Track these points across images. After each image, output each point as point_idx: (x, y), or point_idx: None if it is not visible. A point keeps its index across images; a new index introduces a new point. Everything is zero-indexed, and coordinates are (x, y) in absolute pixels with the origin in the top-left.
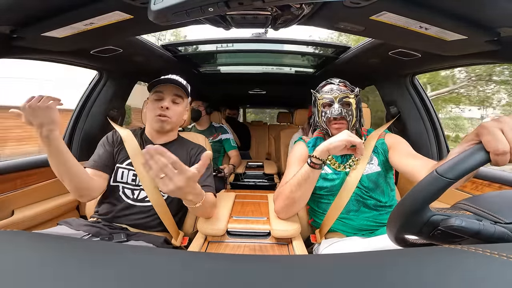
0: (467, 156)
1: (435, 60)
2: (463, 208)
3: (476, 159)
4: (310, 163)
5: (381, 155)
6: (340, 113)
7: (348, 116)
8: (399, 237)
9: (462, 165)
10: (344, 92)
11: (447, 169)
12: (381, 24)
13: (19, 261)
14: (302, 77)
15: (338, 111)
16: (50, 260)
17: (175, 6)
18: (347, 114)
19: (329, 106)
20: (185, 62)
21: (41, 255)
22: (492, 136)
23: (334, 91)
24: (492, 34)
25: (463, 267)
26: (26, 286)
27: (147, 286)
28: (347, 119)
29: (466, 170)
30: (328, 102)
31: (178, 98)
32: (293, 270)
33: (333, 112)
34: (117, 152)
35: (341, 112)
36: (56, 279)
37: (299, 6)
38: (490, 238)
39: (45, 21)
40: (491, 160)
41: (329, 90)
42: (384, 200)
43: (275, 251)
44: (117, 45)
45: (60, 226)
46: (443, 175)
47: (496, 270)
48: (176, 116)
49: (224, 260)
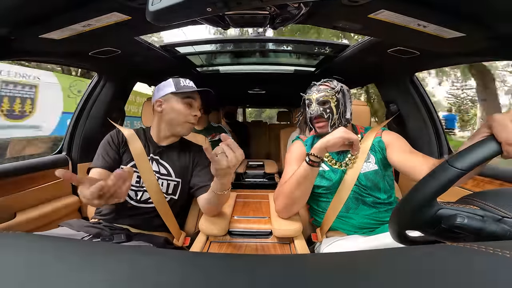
0: (479, 147)
1: (434, 58)
2: (469, 203)
3: (487, 150)
4: (309, 161)
5: (379, 153)
6: (316, 112)
7: (325, 114)
8: (402, 233)
9: (474, 156)
10: (322, 91)
11: (458, 159)
12: (380, 22)
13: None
14: (302, 76)
15: (314, 110)
16: (51, 261)
17: (173, 7)
18: (324, 112)
19: (309, 106)
20: (184, 63)
21: (42, 257)
22: (503, 127)
23: (313, 91)
24: (491, 32)
25: (466, 265)
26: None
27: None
28: (325, 117)
29: (478, 160)
30: (308, 102)
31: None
32: (295, 270)
33: (311, 111)
34: (122, 153)
35: (317, 111)
36: (57, 280)
37: (297, 5)
38: (493, 235)
39: (43, 23)
40: (503, 151)
41: (311, 91)
42: (383, 198)
43: (277, 251)
44: (116, 46)
45: (62, 227)
46: (454, 166)
47: (500, 267)
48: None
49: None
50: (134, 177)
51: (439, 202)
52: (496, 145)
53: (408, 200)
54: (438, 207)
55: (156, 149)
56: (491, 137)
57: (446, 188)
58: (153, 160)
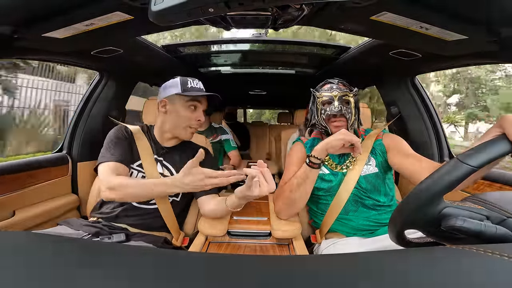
0: (490, 145)
1: (435, 60)
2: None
3: (499, 149)
4: (309, 163)
5: (379, 156)
6: (340, 111)
7: (347, 114)
8: (401, 234)
9: (485, 153)
10: (344, 91)
11: (470, 155)
12: (382, 24)
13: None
14: (303, 78)
15: (338, 108)
16: (50, 260)
17: (175, 7)
18: (346, 111)
19: (328, 104)
20: (185, 63)
21: (40, 255)
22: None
23: (334, 89)
24: (493, 34)
25: (464, 268)
26: (26, 286)
27: (147, 287)
28: (346, 117)
29: (489, 158)
30: (328, 99)
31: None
32: (294, 271)
33: (333, 109)
34: (131, 150)
35: (341, 110)
36: (55, 279)
37: (299, 6)
38: (492, 238)
39: (46, 21)
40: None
41: (329, 89)
42: (383, 200)
43: (275, 252)
44: (118, 45)
45: (61, 226)
46: (465, 162)
47: (498, 270)
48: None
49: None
50: (139, 177)
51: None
52: (507, 145)
53: (414, 196)
54: (444, 205)
55: (159, 150)
56: (503, 135)
57: (455, 185)
58: (157, 161)
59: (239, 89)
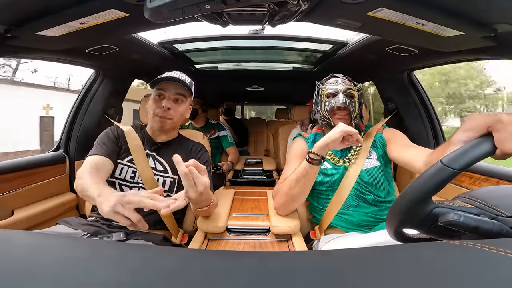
0: (474, 147)
1: (432, 56)
2: (464, 201)
3: (482, 151)
4: (309, 159)
5: (380, 149)
6: (344, 103)
7: (351, 107)
8: (399, 231)
9: (468, 156)
10: (348, 85)
11: (453, 159)
12: (378, 20)
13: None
14: (301, 74)
15: (342, 101)
16: (49, 260)
17: (171, 4)
18: (350, 105)
19: (333, 97)
20: (182, 59)
21: (40, 255)
22: (509, 135)
23: (339, 83)
24: (489, 30)
25: (461, 263)
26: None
27: (147, 285)
28: (350, 110)
29: (472, 161)
30: (333, 92)
31: (180, 97)
32: (293, 267)
33: (337, 101)
34: (120, 147)
35: (345, 102)
36: (55, 278)
37: (296, 2)
38: (488, 233)
39: (39, 20)
40: (496, 154)
41: (334, 82)
42: (383, 196)
43: (275, 248)
44: (113, 43)
45: (59, 225)
46: (448, 165)
47: (494, 265)
48: (178, 116)
49: (224, 257)
50: (130, 172)
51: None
52: (492, 148)
53: (404, 199)
54: (433, 206)
55: (152, 146)
56: (489, 137)
57: (440, 188)
58: (149, 156)
59: (236, 86)
